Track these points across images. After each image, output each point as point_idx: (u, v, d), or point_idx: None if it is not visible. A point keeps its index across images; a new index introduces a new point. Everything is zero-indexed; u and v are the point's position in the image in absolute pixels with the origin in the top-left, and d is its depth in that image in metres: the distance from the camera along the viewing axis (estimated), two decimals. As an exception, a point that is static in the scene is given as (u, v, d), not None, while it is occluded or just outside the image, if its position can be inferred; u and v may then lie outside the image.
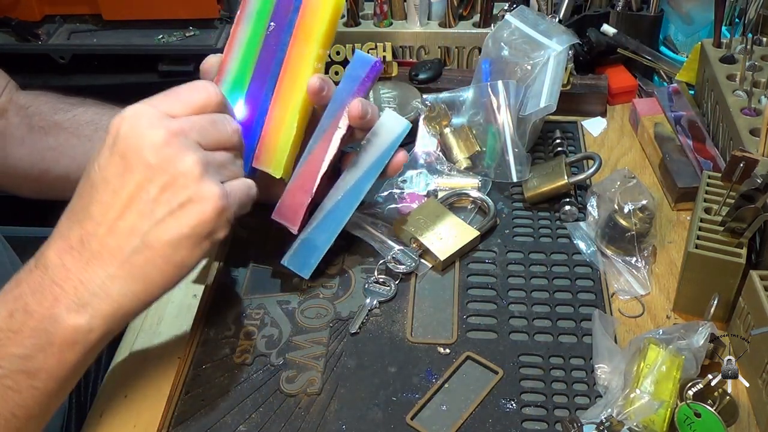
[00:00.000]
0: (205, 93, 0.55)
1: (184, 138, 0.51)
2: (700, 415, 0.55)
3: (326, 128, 0.65)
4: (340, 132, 0.65)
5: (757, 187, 0.61)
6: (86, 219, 0.50)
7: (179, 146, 0.50)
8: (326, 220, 0.68)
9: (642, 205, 0.70)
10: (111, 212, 0.50)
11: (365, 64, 0.65)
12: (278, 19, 0.64)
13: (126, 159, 0.50)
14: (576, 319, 0.67)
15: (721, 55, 0.85)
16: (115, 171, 0.50)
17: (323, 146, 0.66)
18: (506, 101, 0.79)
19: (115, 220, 0.50)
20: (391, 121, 0.67)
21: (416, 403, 0.60)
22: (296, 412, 0.60)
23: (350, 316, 0.68)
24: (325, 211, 0.68)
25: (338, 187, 0.68)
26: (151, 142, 0.50)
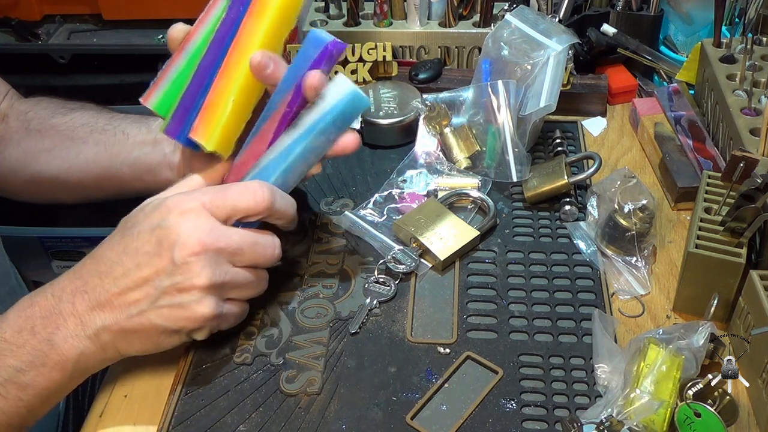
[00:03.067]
0: (253, 200, 0.59)
1: (215, 255, 0.57)
2: (700, 415, 0.55)
3: (275, 108, 0.62)
4: (288, 114, 0.62)
5: (757, 187, 0.61)
6: (107, 274, 0.58)
7: (206, 261, 0.57)
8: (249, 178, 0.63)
9: (642, 204, 0.70)
10: (127, 280, 0.57)
11: (318, 44, 0.61)
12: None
13: (160, 245, 0.57)
14: (576, 319, 0.67)
15: (721, 54, 0.85)
16: (147, 249, 0.57)
17: (270, 126, 0.63)
18: (506, 101, 0.79)
19: (128, 288, 0.57)
20: (339, 86, 0.61)
21: (416, 403, 0.60)
22: (296, 412, 0.60)
23: (350, 316, 0.68)
24: (252, 171, 0.63)
25: (271, 150, 0.63)
26: (185, 245, 0.56)
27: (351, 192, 0.82)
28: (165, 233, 0.57)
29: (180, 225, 0.57)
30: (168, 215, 0.57)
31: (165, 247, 0.56)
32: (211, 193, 0.59)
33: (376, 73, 0.93)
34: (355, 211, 0.78)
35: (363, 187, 0.83)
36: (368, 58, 0.92)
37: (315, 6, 1.04)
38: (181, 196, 0.59)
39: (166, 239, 0.56)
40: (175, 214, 0.57)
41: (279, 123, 0.62)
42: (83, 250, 1.62)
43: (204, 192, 0.59)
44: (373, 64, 0.92)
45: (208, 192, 0.59)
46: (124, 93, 1.41)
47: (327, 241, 0.76)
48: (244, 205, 0.59)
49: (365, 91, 0.90)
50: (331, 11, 1.02)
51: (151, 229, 0.57)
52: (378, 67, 0.93)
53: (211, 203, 0.58)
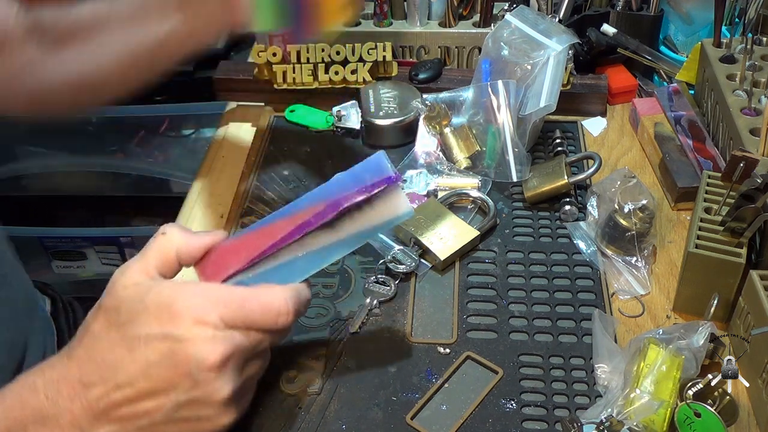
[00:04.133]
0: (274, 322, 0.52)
1: (233, 366, 0.51)
2: (700, 415, 0.55)
3: (299, 210, 0.55)
4: (309, 224, 0.55)
5: (757, 187, 0.61)
6: (111, 380, 0.50)
7: (224, 375, 0.50)
8: (273, 272, 0.56)
9: (642, 204, 0.70)
10: (136, 389, 0.50)
11: (378, 172, 0.55)
12: None
13: (174, 358, 0.50)
14: (576, 319, 0.67)
15: (721, 54, 0.85)
16: (158, 360, 0.50)
17: (284, 226, 0.55)
18: (506, 101, 0.79)
19: (138, 397, 0.50)
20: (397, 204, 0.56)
21: (416, 403, 0.60)
22: (296, 412, 0.60)
23: (350, 316, 0.68)
24: (278, 262, 0.56)
25: (304, 244, 0.56)
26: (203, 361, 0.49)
27: (351, 192, 0.82)
28: (180, 347, 0.49)
29: (197, 338, 0.49)
30: (180, 323, 0.50)
31: (181, 362, 0.49)
32: (232, 307, 0.51)
33: (376, 73, 0.93)
34: (355, 211, 0.78)
35: (363, 187, 0.82)
36: (368, 58, 0.92)
37: (315, 6, 1.03)
38: (195, 302, 0.51)
39: (182, 353, 0.49)
40: (188, 323, 0.50)
41: (296, 228, 0.55)
42: (83, 250, 1.62)
43: (222, 303, 0.51)
44: (373, 64, 0.92)
45: (228, 304, 0.51)
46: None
47: (327, 241, 0.76)
48: (263, 326, 0.52)
49: (365, 91, 0.90)
50: (331, 11, 1.02)
51: (161, 338, 0.50)
52: (378, 67, 0.93)
53: (230, 319, 0.51)
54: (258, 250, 0.56)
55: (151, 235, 0.57)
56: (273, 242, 0.55)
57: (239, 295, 0.52)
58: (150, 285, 0.52)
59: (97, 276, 1.68)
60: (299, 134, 0.91)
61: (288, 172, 0.85)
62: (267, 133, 0.91)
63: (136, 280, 0.52)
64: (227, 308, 0.51)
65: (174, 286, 0.52)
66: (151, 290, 0.51)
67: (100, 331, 0.52)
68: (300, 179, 0.84)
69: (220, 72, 0.98)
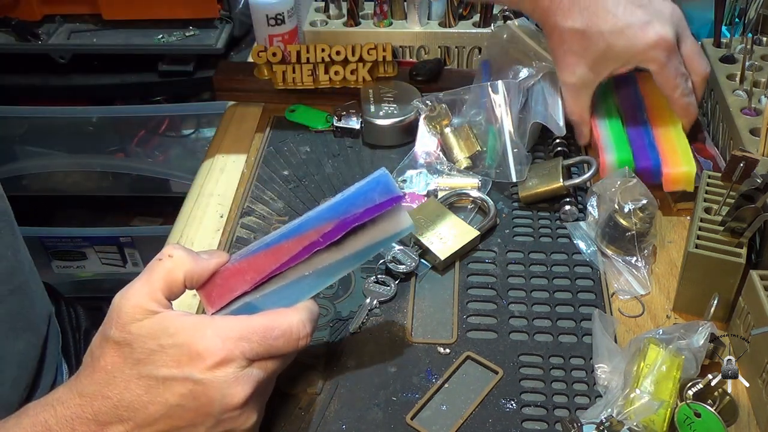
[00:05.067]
0: (295, 348, 0.53)
1: (257, 398, 0.51)
2: (700, 415, 0.55)
3: (306, 230, 0.55)
4: (317, 245, 0.55)
5: (757, 187, 0.61)
6: (130, 420, 0.49)
7: (249, 410, 0.51)
8: (282, 291, 0.56)
9: (642, 204, 0.70)
10: (156, 429, 0.49)
11: (385, 192, 0.56)
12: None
13: (197, 401, 0.49)
14: (576, 319, 0.67)
15: (721, 54, 0.85)
16: (180, 402, 0.49)
17: (291, 247, 0.55)
18: (506, 101, 0.79)
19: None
20: (399, 217, 0.57)
21: (416, 403, 0.60)
22: (296, 412, 0.60)
23: (350, 316, 0.68)
24: (286, 281, 0.56)
25: (311, 263, 0.56)
26: (227, 403, 0.49)
27: (351, 192, 0.82)
28: (202, 390, 0.49)
29: (219, 381, 0.49)
30: (201, 366, 0.49)
31: (202, 404, 0.49)
32: (254, 340, 0.51)
33: (376, 73, 0.93)
34: (355, 211, 0.78)
35: (363, 187, 0.82)
36: (368, 58, 0.92)
37: (315, 6, 1.04)
38: (214, 343, 0.49)
39: (205, 396, 0.49)
40: (210, 366, 0.49)
41: (303, 249, 0.55)
42: (83, 250, 1.62)
43: (245, 338, 0.50)
44: (373, 64, 0.92)
45: (250, 338, 0.50)
46: (124, 93, 1.42)
47: (327, 241, 0.76)
48: (284, 353, 0.53)
49: (365, 91, 0.90)
50: (331, 11, 1.02)
51: (182, 380, 0.49)
52: (378, 67, 0.93)
53: (254, 354, 0.51)
54: (265, 272, 0.55)
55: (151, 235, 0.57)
56: (281, 263, 0.55)
57: (260, 327, 0.51)
58: (163, 320, 0.50)
59: (97, 276, 1.68)
60: (299, 134, 0.91)
61: (288, 172, 0.85)
62: (267, 133, 0.91)
63: (144, 308, 0.51)
64: (249, 343, 0.50)
65: (191, 325, 0.50)
66: (166, 328, 0.50)
67: (114, 368, 0.50)
68: (300, 179, 0.84)
69: (220, 72, 0.98)
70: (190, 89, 1.39)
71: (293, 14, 1.00)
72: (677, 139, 0.77)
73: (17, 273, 0.72)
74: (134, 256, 1.61)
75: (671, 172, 0.74)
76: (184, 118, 1.49)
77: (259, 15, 0.98)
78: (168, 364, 0.49)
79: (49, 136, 1.50)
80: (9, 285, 0.70)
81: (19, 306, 0.71)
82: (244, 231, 0.77)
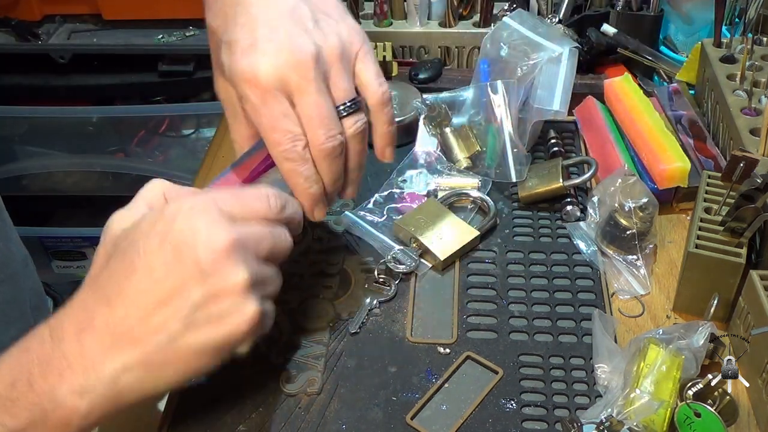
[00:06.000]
0: (267, 205, 0.52)
1: (243, 250, 0.48)
2: (700, 415, 0.55)
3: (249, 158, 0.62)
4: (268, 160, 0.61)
5: (757, 187, 0.61)
6: (117, 301, 0.47)
7: (236, 258, 0.47)
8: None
9: (642, 203, 0.70)
10: (147, 302, 0.47)
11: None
12: None
13: (178, 252, 0.47)
14: (576, 319, 0.67)
15: (721, 54, 0.85)
16: (162, 260, 0.47)
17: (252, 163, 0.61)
18: (506, 101, 0.79)
19: (150, 311, 0.46)
20: None
21: (416, 403, 0.60)
22: (296, 412, 0.60)
23: (350, 316, 0.68)
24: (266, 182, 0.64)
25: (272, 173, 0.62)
26: (209, 245, 0.47)
27: (351, 192, 0.82)
28: (181, 237, 0.47)
29: (196, 223, 0.47)
30: (176, 218, 0.47)
31: (185, 252, 0.46)
32: (226, 198, 0.50)
33: (376, 73, 0.93)
34: (355, 211, 0.78)
35: (363, 187, 0.82)
36: (368, 58, 0.92)
37: (315, 6, 1.03)
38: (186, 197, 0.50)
39: (184, 243, 0.47)
40: (184, 215, 0.48)
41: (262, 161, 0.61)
42: (83, 250, 1.62)
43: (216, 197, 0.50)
44: (373, 64, 0.92)
45: (221, 198, 0.50)
46: (124, 93, 1.42)
47: (327, 241, 0.76)
48: (258, 209, 0.52)
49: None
50: (331, 11, 1.02)
51: (160, 239, 0.47)
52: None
53: (223, 201, 0.50)
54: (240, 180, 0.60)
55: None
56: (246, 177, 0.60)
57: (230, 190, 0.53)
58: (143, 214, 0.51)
59: (97, 276, 1.68)
60: (299, 134, 0.91)
61: (288, 172, 0.85)
62: (267, 133, 0.91)
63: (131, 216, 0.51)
64: (222, 200, 0.50)
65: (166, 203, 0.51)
66: (144, 216, 0.50)
67: (100, 267, 0.49)
68: (300, 179, 0.84)
69: (220, 72, 0.98)
70: (190, 89, 1.40)
71: (293, 14, 1.00)
72: (664, 138, 0.77)
73: (9, 263, 0.72)
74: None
75: (666, 169, 0.74)
76: (184, 118, 1.49)
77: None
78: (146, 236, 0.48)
79: (49, 136, 1.50)
80: (0, 274, 0.70)
81: (11, 295, 0.71)
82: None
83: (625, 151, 0.80)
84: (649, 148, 0.76)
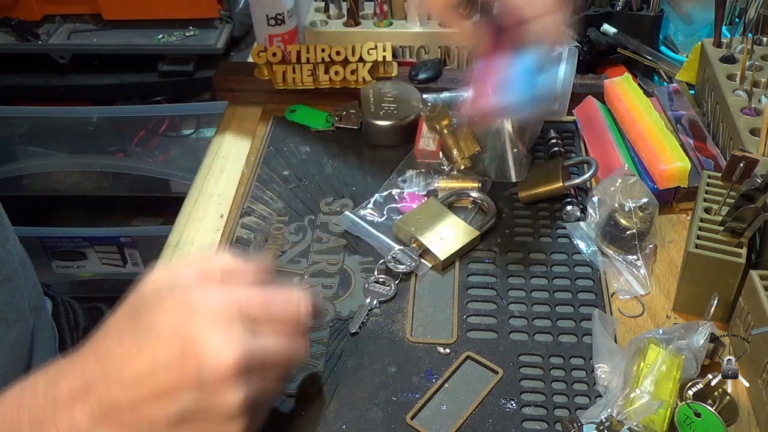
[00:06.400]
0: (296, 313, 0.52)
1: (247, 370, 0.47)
2: (700, 415, 0.55)
3: None
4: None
5: (757, 187, 0.61)
6: (116, 382, 0.47)
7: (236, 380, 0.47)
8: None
9: (642, 203, 0.70)
10: (141, 389, 0.46)
11: None
12: None
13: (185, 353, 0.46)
14: (576, 319, 0.67)
15: (721, 54, 0.85)
16: (168, 355, 0.46)
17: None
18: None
19: (142, 400, 0.46)
20: None
21: (416, 403, 0.60)
22: (296, 412, 0.60)
23: (350, 316, 0.68)
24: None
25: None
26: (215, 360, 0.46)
27: (351, 192, 0.82)
28: (191, 344, 0.46)
29: (210, 336, 0.46)
30: (195, 318, 0.47)
31: (191, 360, 0.46)
32: (254, 301, 0.49)
33: (376, 73, 0.93)
34: (355, 211, 0.78)
35: (363, 187, 0.83)
36: (368, 58, 0.92)
37: (315, 6, 1.04)
38: (214, 298, 0.48)
39: (193, 351, 0.46)
40: (203, 319, 0.47)
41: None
42: (83, 250, 1.62)
43: (244, 297, 0.49)
44: (373, 64, 0.92)
45: (250, 299, 0.49)
46: (124, 93, 1.42)
47: (327, 241, 0.76)
48: (285, 317, 0.51)
49: (365, 91, 0.90)
50: (331, 11, 1.02)
51: (172, 333, 0.47)
52: (378, 67, 0.93)
53: (249, 307, 0.49)
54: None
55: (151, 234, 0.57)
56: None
57: (263, 291, 0.50)
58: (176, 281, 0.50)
59: (97, 276, 1.68)
60: (299, 134, 0.91)
61: (288, 172, 0.85)
62: (267, 133, 0.91)
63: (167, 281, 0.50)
64: (248, 297, 0.49)
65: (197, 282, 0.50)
66: (174, 285, 0.49)
67: (113, 325, 0.49)
68: (300, 179, 0.84)
69: (220, 72, 0.98)
70: (190, 89, 1.39)
71: (293, 14, 1.00)
72: (664, 138, 0.77)
73: (6, 263, 0.72)
74: (134, 256, 1.61)
75: (666, 169, 0.74)
76: (184, 118, 1.49)
77: (259, 15, 0.98)
78: (163, 318, 0.47)
79: (49, 136, 1.49)
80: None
81: (9, 297, 0.71)
82: (244, 231, 0.77)
83: (625, 151, 0.80)
84: (649, 148, 0.76)
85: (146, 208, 1.63)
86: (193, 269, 0.51)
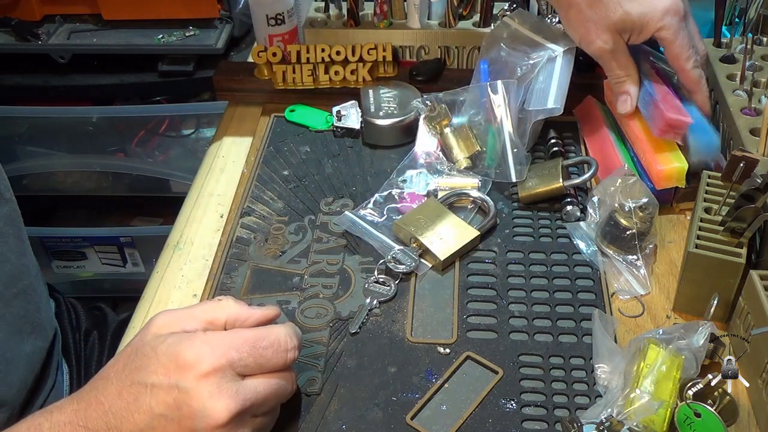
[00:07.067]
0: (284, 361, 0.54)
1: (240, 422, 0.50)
2: (700, 415, 0.55)
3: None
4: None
5: (757, 187, 0.61)
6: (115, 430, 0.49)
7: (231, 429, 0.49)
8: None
9: (642, 203, 0.70)
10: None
11: None
12: None
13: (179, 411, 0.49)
14: (576, 319, 0.67)
15: (721, 54, 0.85)
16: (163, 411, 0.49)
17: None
18: (506, 101, 0.79)
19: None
20: None
21: (416, 403, 0.60)
22: (296, 412, 0.60)
23: (350, 316, 0.68)
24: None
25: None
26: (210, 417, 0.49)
27: (351, 192, 0.82)
28: (184, 399, 0.49)
29: (202, 391, 0.49)
30: (187, 375, 0.49)
31: (185, 416, 0.49)
32: (244, 350, 0.52)
33: (376, 73, 0.93)
34: (355, 211, 0.78)
35: (363, 187, 0.83)
36: (368, 58, 0.92)
37: (315, 6, 1.04)
38: (203, 351, 0.50)
39: (186, 406, 0.49)
40: (195, 374, 0.49)
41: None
42: (83, 250, 1.62)
43: (234, 347, 0.51)
44: (373, 64, 0.92)
45: (239, 348, 0.51)
46: (124, 93, 1.42)
47: (327, 241, 0.76)
48: (273, 365, 0.53)
49: (365, 91, 0.90)
50: (331, 11, 1.02)
51: (168, 388, 0.49)
52: (378, 67, 0.93)
53: (240, 363, 0.51)
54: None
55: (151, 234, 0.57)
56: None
57: (249, 337, 0.52)
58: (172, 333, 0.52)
59: (97, 276, 1.68)
60: (299, 134, 0.91)
61: (288, 172, 0.85)
62: (267, 133, 0.91)
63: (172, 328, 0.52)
64: (239, 352, 0.51)
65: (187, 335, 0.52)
66: (168, 338, 0.51)
67: (114, 374, 0.51)
68: (300, 179, 0.84)
69: (220, 72, 0.98)
70: (190, 89, 1.40)
71: (293, 14, 1.00)
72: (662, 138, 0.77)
73: (22, 276, 0.72)
74: (134, 256, 1.61)
75: (663, 169, 0.74)
76: (184, 118, 1.49)
77: (259, 15, 0.98)
78: (157, 372, 0.49)
79: (49, 136, 1.50)
80: (14, 288, 0.71)
81: (24, 309, 0.71)
82: (244, 231, 0.77)
83: (625, 151, 0.80)
84: (647, 149, 0.76)
85: (146, 208, 1.63)
86: (198, 320, 0.54)
